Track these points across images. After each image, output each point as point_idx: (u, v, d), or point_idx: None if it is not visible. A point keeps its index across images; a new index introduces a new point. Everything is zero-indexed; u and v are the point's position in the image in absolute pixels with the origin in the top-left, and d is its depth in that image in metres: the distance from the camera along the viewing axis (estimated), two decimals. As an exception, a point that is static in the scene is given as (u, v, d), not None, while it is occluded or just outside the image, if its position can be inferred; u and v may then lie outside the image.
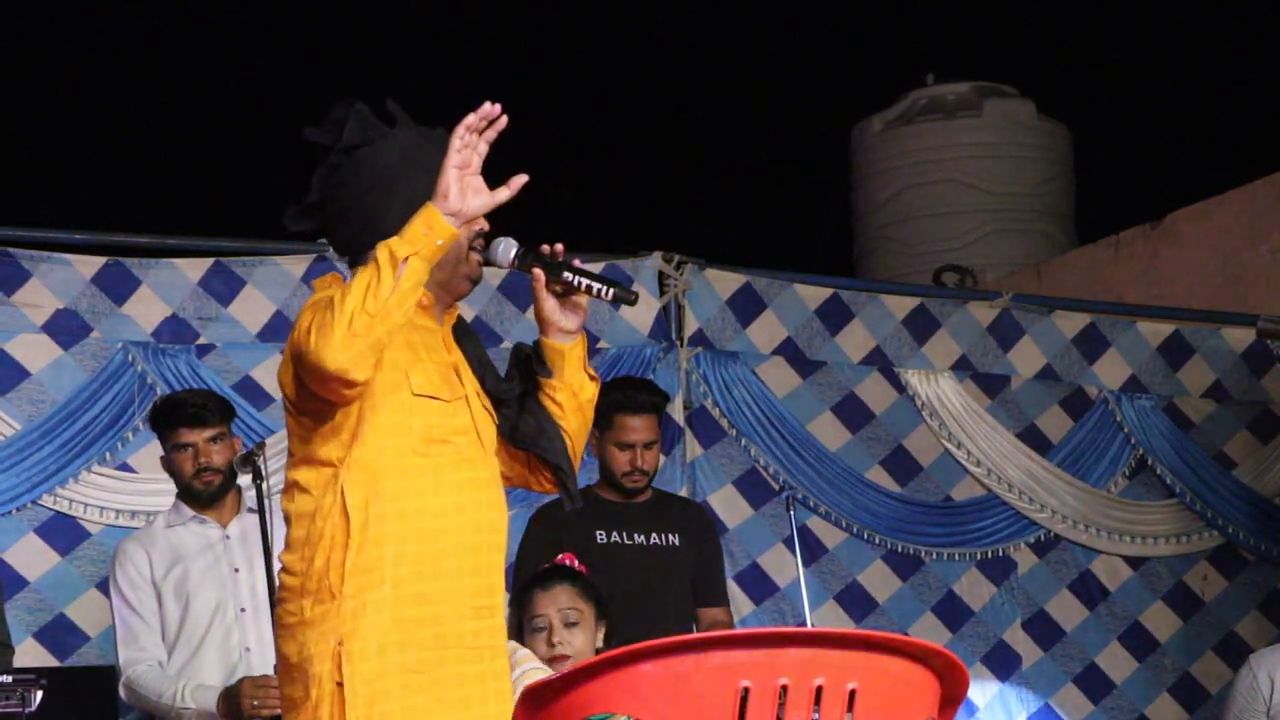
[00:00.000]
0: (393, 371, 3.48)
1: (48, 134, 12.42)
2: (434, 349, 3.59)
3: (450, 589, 3.47)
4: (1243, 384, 7.97)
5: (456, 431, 3.54)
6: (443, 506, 3.49)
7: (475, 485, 3.54)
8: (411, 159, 3.57)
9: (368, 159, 3.58)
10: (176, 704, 5.06)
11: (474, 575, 3.51)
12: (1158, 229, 9.53)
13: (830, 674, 3.01)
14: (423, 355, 3.55)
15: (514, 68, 13.13)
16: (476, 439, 3.57)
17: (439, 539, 3.48)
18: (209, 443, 5.22)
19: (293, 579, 3.50)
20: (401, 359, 3.50)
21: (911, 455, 7.38)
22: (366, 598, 3.41)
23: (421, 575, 3.45)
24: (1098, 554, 7.61)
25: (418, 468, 3.48)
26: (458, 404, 3.56)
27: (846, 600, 7.15)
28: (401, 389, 3.49)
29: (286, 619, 3.50)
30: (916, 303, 7.53)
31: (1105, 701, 7.52)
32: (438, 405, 3.52)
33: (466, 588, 3.50)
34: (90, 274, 6.30)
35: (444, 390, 3.54)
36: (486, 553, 3.54)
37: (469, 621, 3.50)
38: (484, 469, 3.57)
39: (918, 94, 11.37)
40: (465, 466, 3.53)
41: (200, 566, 5.21)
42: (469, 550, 3.50)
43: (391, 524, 3.45)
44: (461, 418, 3.55)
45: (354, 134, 3.59)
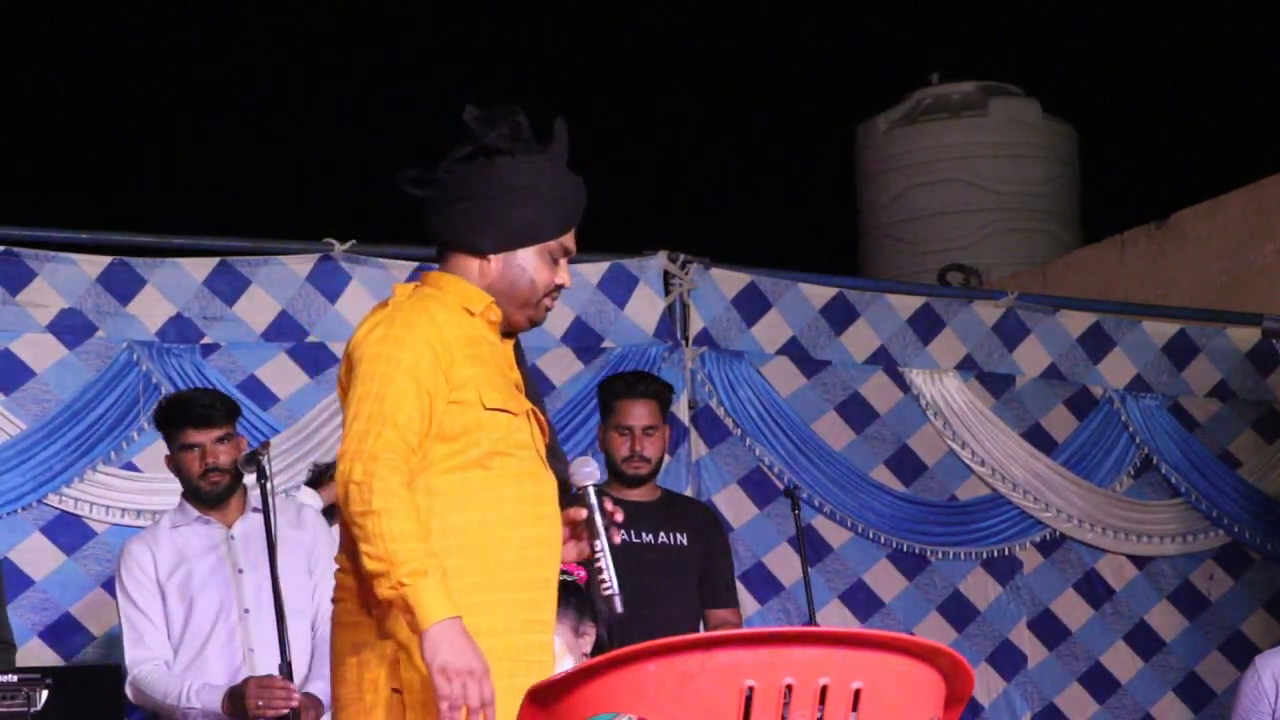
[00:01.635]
0: (464, 388, 3.50)
1: (53, 134, 12.43)
2: (499, 363, 3.62)
3: (505, 601, 3.49)
4: (1248, 383, 7.97)
5: (519, 446, 3.56)
6: (502, 519, 3.51)
7: (535, 500, 3.56)
8: (534, 189, 3.59)
9: (500, 169, 3.59)
10: (182, 703, 5.06)
11: (529, 589, 3.53)
12: (1163, 228, 9.52)
13: (835, 673, 3.01)
14: (491, 368, 3.57)
15: (515, 67, 13.13)
16: (536, 454, 3.60)
17: (497, 551, 3.50)
18: (216, 443, 5.21)
19: (350, 579, 3.52)
20: (472, 375, 3.52)
21: (916, 455, 7.37)
22: None
23: (478, 586, 3.46)
24: (1103, 553, 7.60)
25: (480, 480, 3.51)
26: (523, 418, 3.59)
27: (852, 599, 7.15)
28: (473, 405, 3.51)
29: (343, 618, 3.53)
30: (921, 302, 7.52)
31: (1110, 701, 7.51)
32: (505, 419, 3.54)
33: (521, 601, 3.52)
34: (95, 273, 6.30)
35: (511, 404, 3.57)
36: (542, 567, 3.56)
37: (520, 634, 3.51)
38: (543, 484, 3.59)
39: (923, 93, 11.37)
40: (526, 480, 3.56)
41: (204, 567, 5.21)
42: (526, 563, 3.52)
43: (454, 536, 3.47)
44: (524, 433, 3.58)
45: (501, 139, 3.59)
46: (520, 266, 3.59)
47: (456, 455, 3.49)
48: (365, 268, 6.62)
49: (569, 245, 3.64)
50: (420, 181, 3.67)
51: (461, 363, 3.50)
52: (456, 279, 3.61)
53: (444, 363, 3.48)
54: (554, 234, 3.61)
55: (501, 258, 3.59)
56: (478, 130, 3.60)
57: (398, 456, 3.40)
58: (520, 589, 3.51)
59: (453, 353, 3.49)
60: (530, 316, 3.64)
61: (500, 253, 3.59)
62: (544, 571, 3.56)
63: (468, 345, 3.53)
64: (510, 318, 3.63)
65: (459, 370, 3.49)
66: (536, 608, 3.55)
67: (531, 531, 3.53)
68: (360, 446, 3.40)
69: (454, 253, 3.62)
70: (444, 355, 3.48)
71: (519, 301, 3.60)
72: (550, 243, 3.61)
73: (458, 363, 3.49)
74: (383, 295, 6.60)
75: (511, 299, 3.59)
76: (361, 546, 3.36)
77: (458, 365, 3.49)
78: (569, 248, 3.64)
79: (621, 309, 6.82)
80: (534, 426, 3.62)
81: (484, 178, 3.59)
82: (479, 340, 3.55)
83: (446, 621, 3.30)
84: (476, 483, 3.50)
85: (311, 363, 6.53)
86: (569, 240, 3.64)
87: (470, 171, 3.61)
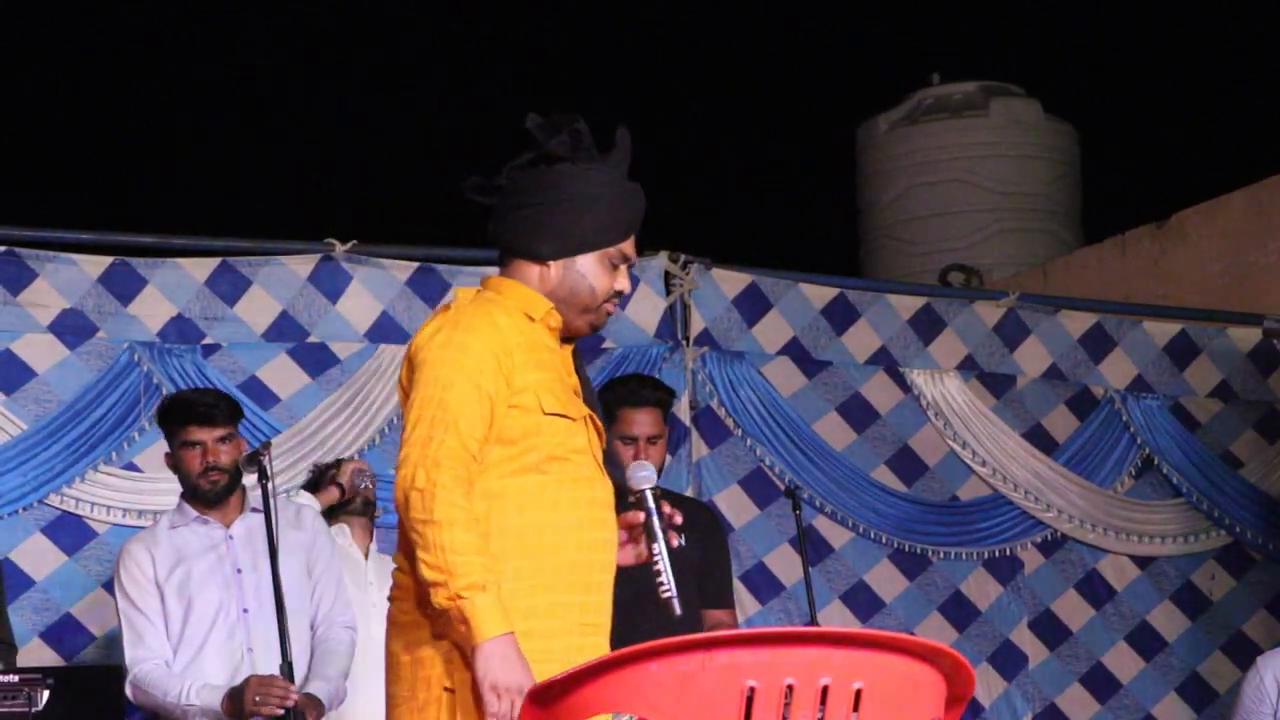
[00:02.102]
0: (524, 393, 3.53)
1: (54, 134, 12.43)
2: (558, 368, 3.64)
3: (562, 604, 3.52)
4: (1249, 383, 7.97)
5: (577, 450, 3.59)
6: (559, 523, 3.53)
7: (591, 504, 3.58)
8: (593, 196, 3.63)
9: (560, 176, 3.63)
10: (182, 703, 5.06)
11: (584, 593, 3.56)
12: (1164, 228, 9.52)
13: (836, 674, 3.00)
14: (550, 374, 3.60)
15: (515, 67, 13.14)
16: (593, 459, 3.62)
17: (553, 555, 3.52)
18: (218, 442, 5.21)
19: (407, 578, 3.53)
20: (533, 380, 3.54)
21: (917, 455, 7.37)
22: None
23: (534, 589, 3.49)
24: (1104, 554, 7.60)
25: (538, 484, 3.53)
26: (581, 423, 3.61)
27: (853, 600, 7.15)
28: (532, 410, 3.53)
29: (399, 617, 3.55)
30: (922, 302, 7.52)
31: (1112, 701, 7.51)
32: (564, 424, 3.56)
33: (576, 604, 3.54)
34: (96, 274, 6.30)
35: (570, 409, 3.59)
36: (597, 571, 3.58)
37: (576, 637, 3.53)
38: (599, 489, 3.62)
39: (924, 93, 11.36)
40: (583, 485, 3.58)
41: (203, 567, 5.20)
42: (581, 568, 3.55)
43: (510, 538, 3.49)
44: (581, 438, 3.61)
45: (561, 146, 3.63)
46: (580, 273, 3.63)
47: (514, 459, 3.52)
48: (366, 268, 6.62)
49: (628, 252, 3.68)
50: (483, 189, 3.71)
51: (522, 368, 3.53)
52: (517, 284, 3.64)
53: (505, 367, 3.51)
54: (613, 240, 3.64)
55: (561, 264, 3.63)
56: (539, 137, 3.65)
57: (459, 464, 3.43)
58: (576, 592, 3.54)
59: (513, 358, 3.52)
60: (591, 322, 3.67)
61: (560, 259, 3.63)
62: (599, 575, 3.59)
63: (528, 351, 3.56)
64: (570, 323, 3.66)
65: (519, 375, 3.52)
66: (592, 611, 3.58)
67: (587, 535, 3.56)
68: (424, 453, 3.44)
69: (515, 259, 3.66)
70: (505, 360, 3.51)
71: (579, 307, 3.64)
72: (610, 249, 3.64)
73: (518, 368, 3.52)
74: (384, 295, 6.68)
75: (571, 305, 3.63)
76: (420, 554, 3.39)
77: (518, 370, 3.52)
78: (628, 254, 3.68)
79: (622, 309, 6.81)
80: (592, 432, 3.65)
81: (544, 185, 3.63)
82: (539, 346, 3.59)
83: (500, 638, 3.34)
84: (533, 486, 3.53)
85: (312, 363, 6.53)
86: (629, 247, 3.68)
87: (531, 178, 3.65)
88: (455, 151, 12.61)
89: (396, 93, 12.78)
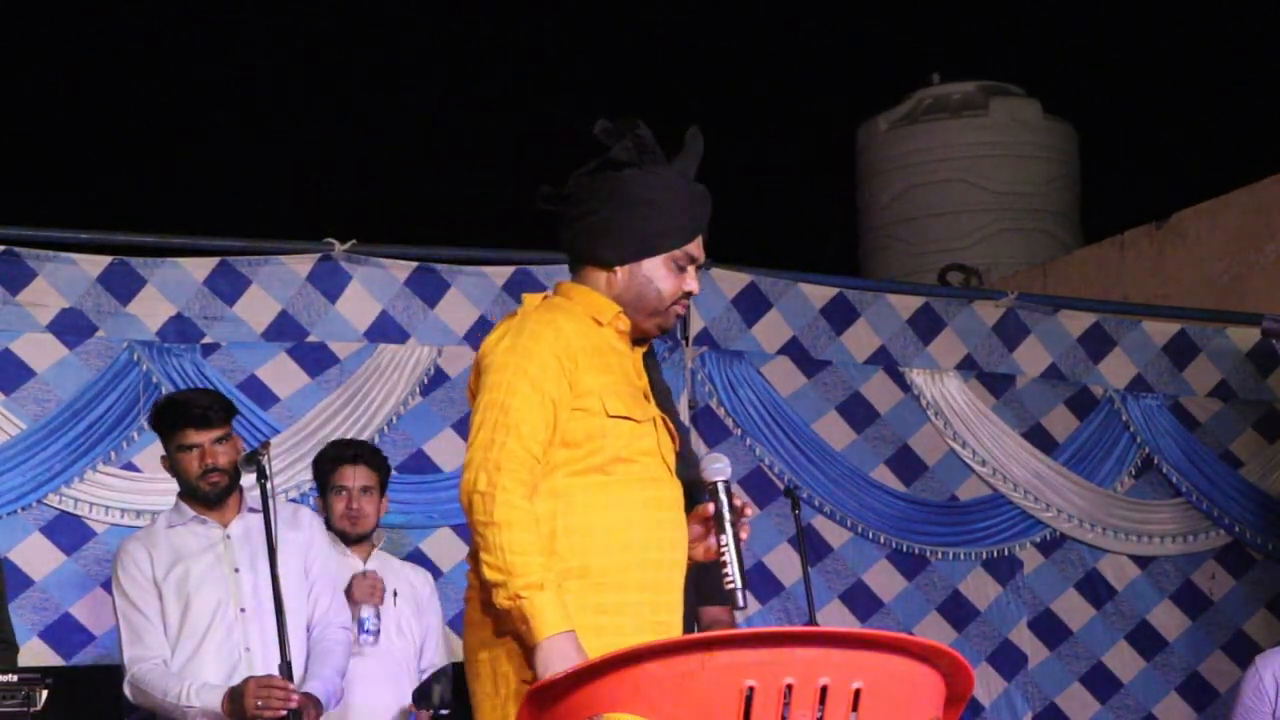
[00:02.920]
0: (588, 396, 3.57)
1: (53, 134, 12.43)
2: (626, 371, 3.68)
3: (632, 603, 3.57)
4: (1248, 383, 7.97)
5: (644, 452, 3.63)
6: (628, 522, 3.58)
7: (659, 505, 3.63)
8: (656, 201, 3.66)
9: (624, 181, 3.67)
10: (181, 703, 5.05)
11: (654, 591, 3.60)
12: (1163, 228, 9.52)
13: (835, 673, 3.00)
14: (617, 377, 3.64)
15: (515, 67, 13.13)
16: (661, 460, 3.66)
17: (620, 554, 3.57)
18: (215, 444, 5.20)
19: (478, 579, 3.56)
20: (596, 383, 3.59)
21: (917, 454, 7.37)
22: None
23: (601, 588, 3.54)
24: (1104, 553, 7.60)
25: (602, 484, 3.58)
26: (647, 425, 3.65)
27: (852, 599, 7.15)
28: (596, 413, 3.58)
29: (473, 615, 3.59)
30: (922, 302, 7.52)
31: (1113, 701, 7.51)
32: (629, 426, 3.61)
33: (647, 603, 3.59)
34: (96, 273, 6.30)
35: (636, 411, 3.63)
36: (667, 570, 3.62)
37: (648, 635, 3.55)
38: (667, 489, 3.66)
39: (923, 93, 11.37)
40: (650, 485, 3.63)
41: (201, 566, 5.20)
42: (649, 566, 3.59)
43: (579, 537, 3.54)
44: (649, 439, 3.65)
45: (625, 151, 3.67)
46: (646, 277, 3.67)
47: (580, 460, 3.57)
48: (365, 267, 6.62)
49: (695, 253, 3.71)
50: (551, 197, 3.75)
51: (586, 371, 3.58)
52: (586, 290, 3.70)
53: (568, 371, 3.56)
54: (678, 244, 3.68)
55: (628, 269, 3.68)
56: (605, 144, 3.68)
57: (521, 466, 3.49)
58: (645, 590, 3.58)
59: (577, 362, 3.58)
60: (659, 324, 3.71)
61: (626, 264, 3.68)
62: (666, 574, 3.62)
63: (594, 354, 3.61)
64: (639, 325, 3.70)
65: (583, 379, 3.58)
66: (663, 610, 3.62)
67: (653, 535, 3.60)
68: (485, 456, 3.50)
69: (583, 264, 3.72)
70: (568, 364, 3.57)
71: (647, 310, 3.68)
72: (675, 252, 3.68)
73: (582, 371, 3.57)
74: (383, 295, 6.68)
75: (639, 308, 3.67)
76: (482, 555, 3.46)
77: (582, 374, 3.57)
78: (695, 255, 3.71)
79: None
80: (661, 433, 3.69)
81: (608, 191, 3.67)
82: (606, 350, 3.64)
83: (560, 635, 3.40)
84: (598, 487, 3.58)
85: (312, 362, 6.53)
86: (695, 248, 3.71)
87: (596, 185, 3.69)
88: (454, 152, 12.62)
89: (396, 93, 12.78)
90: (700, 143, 3.77)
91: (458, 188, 12.46)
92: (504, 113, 12.75)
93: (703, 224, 3.73)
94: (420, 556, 6.46)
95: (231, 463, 5.19)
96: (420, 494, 6.60)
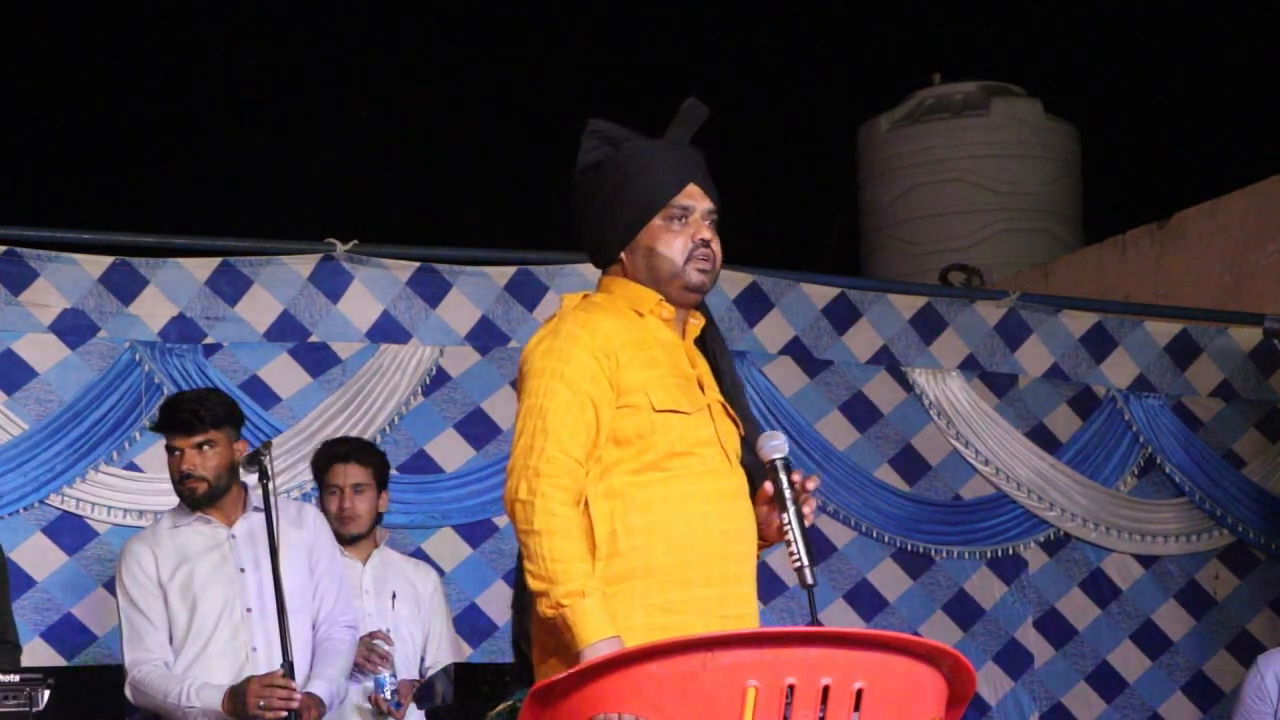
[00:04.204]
0: (633, 392, 3.52)
1: (55, 134, 12.43)
2: (675, 362, 3.62)
3: (698, 599, 3.50)
4: (1250, 383, 7.97)
5: (700, 444, 3.56)
6: (688, 517, 3.51)
7: (720, 496, 3.56)
8: (629, 173, 3.61)
9: (600, 173, 3.64)
10: (182, 703, 5.05)
11: (721, 585, 3.53)
12: (1165, 228, 9.51)
13: (837, 673, 3.00)
14: (664, 369, 3.58)
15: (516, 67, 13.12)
16: (720, 450, 3.59)
17: (686, 550, 3.50)
18: (195, 449, 5.16)
19: None
20: (641, 378, 3.54)
21: (920, 454, 7.37)
22: (616, 604, 3.44)
23: (669, 584, 3.48)
24: (1109, 553, 7.60)
25: (659, 481, 3.52)
26: (700, 415, 3.57)
27: (856, 599, 7.15)
28: (643, 408, 3.52)
29: (538, 623, 3.53)
30: (924, 302, 7.52)
31: (1118, 700, 7.51)
32: (679, 419, 3.54)
33: (714, 597, 3.52)
34: (98, 274, 6.30)
35: (684, 403, 3.56)
36: (734, 563, 3.56)
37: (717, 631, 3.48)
38: (729, 479, 3.58)
39: (925, 93, 11.36)
40: (710, 478, 3.56)
41: (206, 566, 5.19)
42: (716, 560, 3.52)
43: (639, 536, 3.49)
44: (704, 429, 3.57)
45: (594, 152, 3.65)
46: (647, 247, 3.60)
47: (633, 459, 3.52)
48: (367, 268, 6.62)
49: (687, 202, 3.62)
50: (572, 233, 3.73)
51: (629, 367, 3.53)
52: (625, 281, 3.64)
53: (608, 370, 3.51)
54: (661, 201, 3.60)
55: (629, 252, 3.62)
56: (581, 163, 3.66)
57: (561, 472, 3.45)
58: (713, 585, 3.51)
59: (618, 359, 3.52)
60: (683, 285, 3.61)
61: (625, 247, 3.62)
62: (735, 567, 3.55)
63: (637, 349, 3.56)
64: (672, 298, 3.62)
65: (626, 375, 3.52)
66: (732, 603, 3.54)
67: (717, 527, 3.53)
68: (525, 463, 3.46)
69: (604, 269, 3.69)
70: (607, 363, 3.51)
71: (666, 278, 3.60)
72: (665, 209, 3.60)
73: (624, 368, 3.52)
74: (385, 295, 6.69)
75: (659, 280, 3.60)
76: (526, 564, 3.43)
77: (624, 371, 3.52)
78: (689, 205, 3.62)
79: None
80: (720, 421, 3.61)
81: (589, 192, 3.64)
82: (650, 342, 3.58)
83: (603, 642, 3.35)
84: (655, 483, 3.52)
85: (313, 363, 6.53)
86: (686, 198, 3.62)
87: (579, 194, 3.67)
88: (455, 152, 12.61)
89: (397, 93, 12.78)
90: (697, 110, 3.70)
91: (459, 188, 12.46)
92: (505, 113, 12.76)
93: (689, 173, 3.64)
94: (422, 557, 6.45)
95: (216, 469, 5.16)
96: (422, 494, 6.60)
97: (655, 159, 3.63)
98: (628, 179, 3.60)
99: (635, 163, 3.62)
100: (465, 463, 6.67)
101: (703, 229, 3.62)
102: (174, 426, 5.17)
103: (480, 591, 6.60)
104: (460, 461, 6.68)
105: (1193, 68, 12.49)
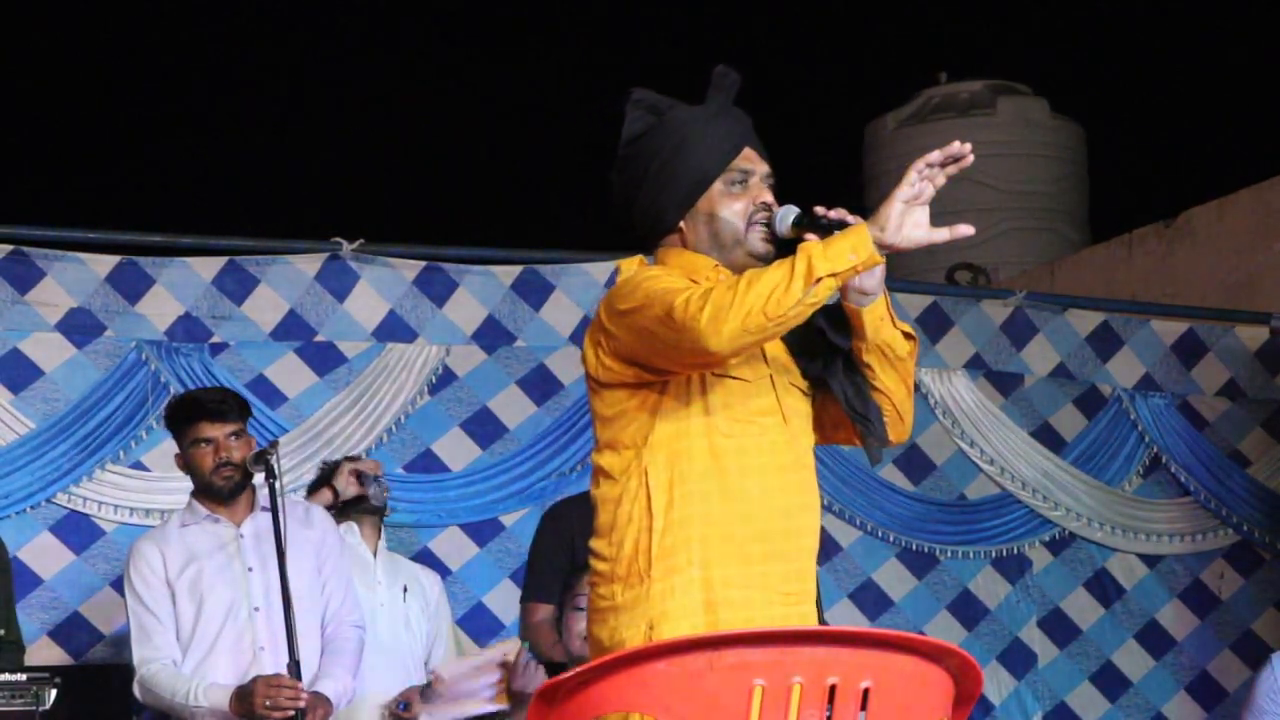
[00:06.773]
0: None
1: (61, 133, 12.45)
2: None
3: (759, 573, 3.40)
4: (1257, 382, 7.96)
5: (761, 412, 3.46)
6: (747, 489, 3.41)
7: (781, 469, 3.45)
8: (686, 139, 3.55)
9: (650, 143, 3.56)
10: (190, 703, 5.06)
11: (782, 560, 3.43)
12: (1171, 227, 9.51)
13: (844, 673, 3.00)
14: None
15: (518, 67, 13.13)
16: (782, 420, 3.49)
17: (745, 523, 3.40)
18: (229, 438, 5.21)
19: (603, 564, 3.45)
20: None
21: (925, 454, 7.37)
22: (675, 580, 3.36)
23: (728, 558, 3.38)
24: (1113, 552, 7.60)
25: (722, 448, 3.42)
26: (760, 384, 3.48)
27: (861, 598, 7.15)
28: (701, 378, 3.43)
29: (598, 603, 3.46)
30: (929, 301, 7.52)
31: (1122, 700, 7.51)
32: (739, 385, 3.44)
33: (775, 573, 3.41)
34: (104, 273, 6.30)
35: (745, 370, 3.46)
36: (795, 538, 3.45)
37: (778, 608, 3.41)
38: (790, 452, 3.48)
39: (931, 92, 11.36)
40: (770, 450, 3.45)
41: (214, 566, 5.20)
42: (776, 535, 3.42)
43: (697, 504, 3.39)
44: (765, 398, 3.47)
45: (638, 122, 3.59)
46: (708, 213, 3.53)
47: (694, 422, 3.42)
48: (373, 267, 6.63)
49: (746, 165, 3.57)
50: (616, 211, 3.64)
51: None
52: (679, 250, 3.55)
53: None
54: (719, 166, 3.54)
55: (689, 220, 3.54)
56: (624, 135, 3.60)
57: (695, 293, 3.28)
58: (774, 560, 3.41)
59: None
60: (747, 251, 3.52)
61: (684, 216, 3.54)
62: (798, 541, 3.45)
63: None
64: (735, 264, 3.51)
65: None
66: (794, 579, 3.45)
67: (779, 501, 3.43)
68: (681, 315, 3.26)
69: (658, 243, 3.58)
70: None
71: (729, 244, 3.52)
72: (724, 174, 3.55)
73: None
74: (391, 294, 6.69)
75: (722, 246, 3.52)
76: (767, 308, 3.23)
77: None
78: (747, 168, 3.57)
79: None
80: (783, 390, 3.51)
81: (640, 164, 3.56)
82: None
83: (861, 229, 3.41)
84: (718, 450, 3.42)
85: (320, 362, 6.53)
86: (744, 161, 3.57)
87: (627, 167, 3.59)
88: (462, 151, 12.62)
89: (402, 93, 12.79)
90: (729, 76, 3.64)
91: (465, 187, 12.47)
92: (511, 112, 12.76)
93: (744, 137, 3.60)
94: (429, 555, 6.46)
95: (244, 459, 5.20)
96: (429, 493, 6.60)
97: (709, 124, 3.57)
98: (685, 143, 3.54)
99: (689, 129, 3.56)
100: (472, 462, 6.68)
101: (764, 192, 3.56)
102: (209, 415, 5.19)
103: (487, 590, 6.60)
104: (467, 460, 6.68)
105: (1199, 66, 12.49)
